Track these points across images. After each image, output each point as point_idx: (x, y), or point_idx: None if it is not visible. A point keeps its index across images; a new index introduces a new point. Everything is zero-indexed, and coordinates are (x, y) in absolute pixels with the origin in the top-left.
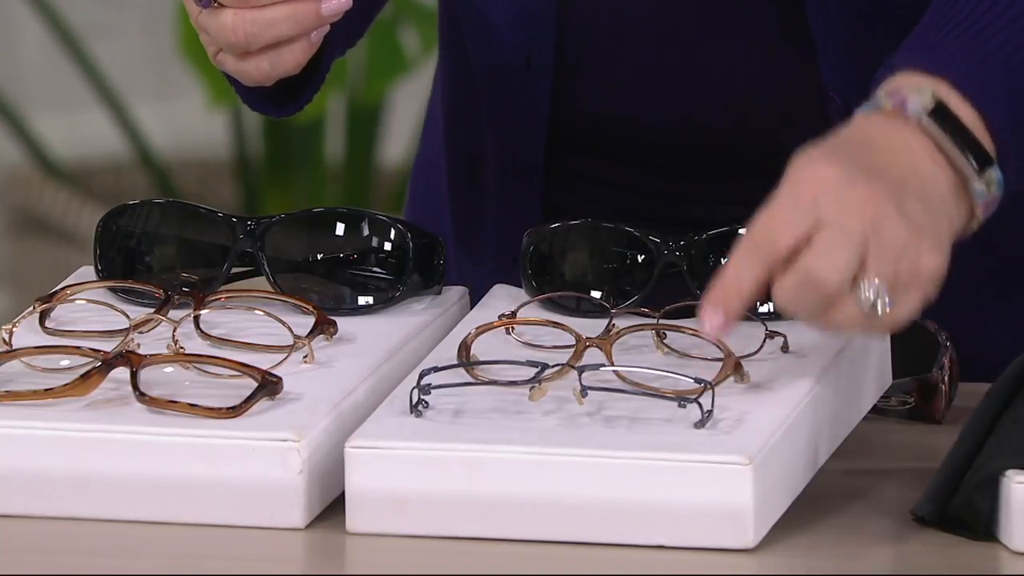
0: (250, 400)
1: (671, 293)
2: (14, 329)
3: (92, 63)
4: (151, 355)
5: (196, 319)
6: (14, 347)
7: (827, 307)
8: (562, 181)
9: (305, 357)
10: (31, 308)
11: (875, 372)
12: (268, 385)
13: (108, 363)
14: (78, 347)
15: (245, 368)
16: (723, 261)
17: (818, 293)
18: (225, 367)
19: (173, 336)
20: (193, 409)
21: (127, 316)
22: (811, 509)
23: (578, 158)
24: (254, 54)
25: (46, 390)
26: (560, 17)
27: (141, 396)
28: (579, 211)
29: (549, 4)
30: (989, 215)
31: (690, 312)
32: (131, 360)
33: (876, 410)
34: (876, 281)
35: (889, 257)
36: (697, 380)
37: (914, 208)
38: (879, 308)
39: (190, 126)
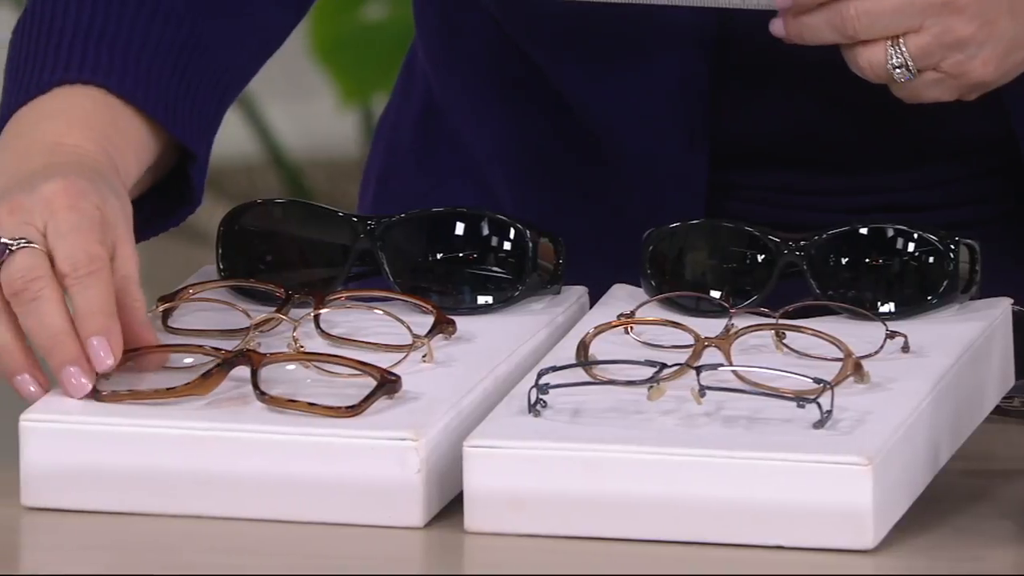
0: (369, 399)
1: (791, 293)
2: None
3: None
4: (271, 354)
5: (316, 318)
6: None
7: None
8: (724, 193)
9: (424, 356)
10: (154, 307)
11: (997, 373)
12: (387, 384)
13: (228, 362)
14: (200, 346)
15: (364, 367)
16: (844, 261)
17: (843, 25)
18: (344, 366)
19: (293, 335)
20: (312, 408)
21: (248, 315)
22: (931, 510)
23: (741, 173)
24: None
25: (168, 389)
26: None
27: (261, 395)
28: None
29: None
30: None
31: (810, 312)
32: (251, 359)
33: (998, 411)
34: (905, 50)
35: (940, 44)
36: (816, 380)
37: (1005, 21)
38: (895, 76)
39: (321, 126)
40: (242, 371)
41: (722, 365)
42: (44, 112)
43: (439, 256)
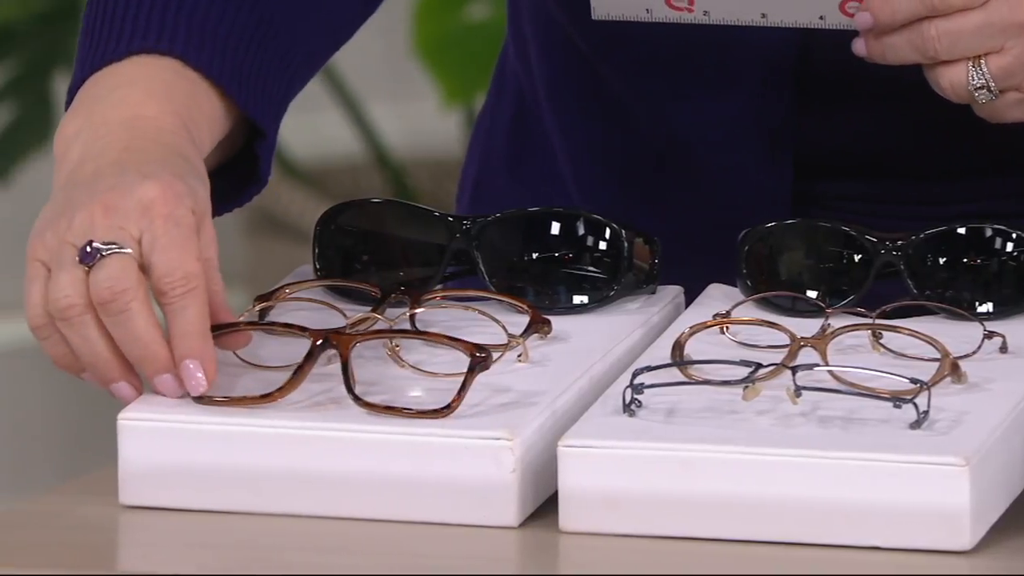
0: (462, 391)
1: (888, 293)
2: None
3: (329, 64)
4: (360, 334)
5: (412, 318)
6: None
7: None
8: (807, 203)
9: (519, 356)
10: (251, 306)
11: None
12: (479, 364)
13: (316, 349)
14: (288, 325)
15: (453, 342)
16: (941, 261)
17: (924, 45)
18: (434, 342)
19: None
20: (409, 413)
21: (344, 315)
22: None
23: (825, 183)
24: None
25: (263, 395)
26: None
27: (356, 399)
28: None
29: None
30: None
31: (908, 312)
32: (340, 343)
33: None
34: (986, 71)
35: (1022, 64)
36: (913, 380)
37: None
38: (976, 96)
39: (425, 126)
40: (336, 369)
41: (818, 365)
42: (122, 79)
43: (534, 256)
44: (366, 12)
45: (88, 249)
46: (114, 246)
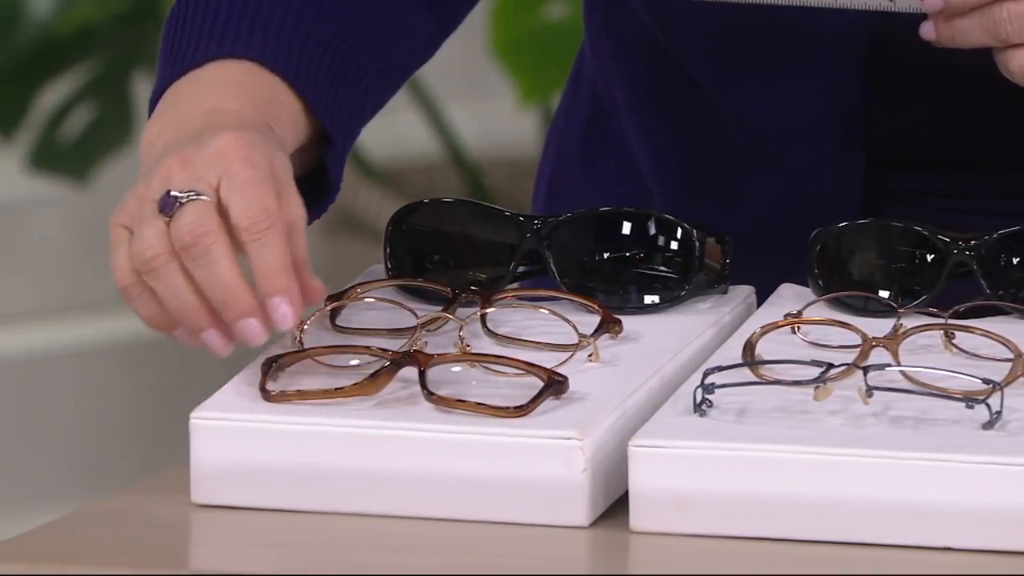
0: (537, 399)
1: (962, 293)
2: (305, 327)
3: None
4: (438, 354)
5: (483, 318)
6: (306, 346)
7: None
8: (878, 197)
9: (590, 356)
10: (322, 306)
11: None
12: (554, 384)
13: (396, 363)
14: (367, 347)
15: (531, 368)
16: (1015, 261)
17: (996, 28)
18: (512, 367)
19: (460, 335)
20: (480, 408)
21: (415, 315)
22: None
23: (898, 178)
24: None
25: (336, 389)
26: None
27: (429, 395)
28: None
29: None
30: None
31: (981, 312)
32: (419, 360)
33: None
34: None
35: None
36: (985, 381)
37: None
38: None
39: (501, 126)
40: (409, 371)
41: (890, 365)
42: (203, 81)
43: (605, 255)
44: (444, 33)
45: (167, 198)
46: (191, 193)
